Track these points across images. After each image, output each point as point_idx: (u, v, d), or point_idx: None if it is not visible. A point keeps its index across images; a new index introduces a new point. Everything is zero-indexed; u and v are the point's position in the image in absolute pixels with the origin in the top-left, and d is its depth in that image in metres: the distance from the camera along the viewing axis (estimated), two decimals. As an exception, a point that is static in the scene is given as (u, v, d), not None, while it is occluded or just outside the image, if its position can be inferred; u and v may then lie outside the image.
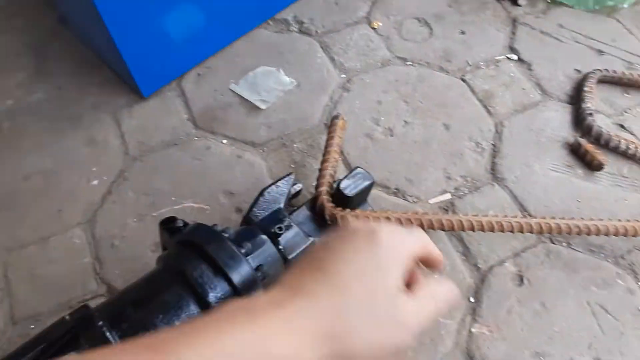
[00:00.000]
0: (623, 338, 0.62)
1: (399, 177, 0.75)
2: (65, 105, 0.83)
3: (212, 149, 0.78)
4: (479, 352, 0.61)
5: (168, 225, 0.50)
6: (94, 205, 0.72)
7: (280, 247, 0.51)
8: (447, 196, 0.74)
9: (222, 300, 0.42)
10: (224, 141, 0.79)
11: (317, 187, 0.63)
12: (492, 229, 0.63)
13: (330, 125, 0.72)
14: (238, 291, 0.43)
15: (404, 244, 0.30)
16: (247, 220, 0.54)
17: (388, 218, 0.61)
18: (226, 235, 0.48)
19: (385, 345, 0.27)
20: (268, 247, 0.49)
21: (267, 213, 0.54)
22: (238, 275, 0.43)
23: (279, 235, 0.51)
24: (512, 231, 0.63)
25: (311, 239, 0.53)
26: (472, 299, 0.65)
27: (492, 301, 0.64)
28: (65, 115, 0.82)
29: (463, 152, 0.78)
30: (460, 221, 0.62)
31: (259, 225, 0.53)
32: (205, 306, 0.42)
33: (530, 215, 0.72)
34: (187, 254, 0.45)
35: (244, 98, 0.83)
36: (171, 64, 0.85)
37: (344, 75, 0.87)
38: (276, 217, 0.53)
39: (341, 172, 0.74)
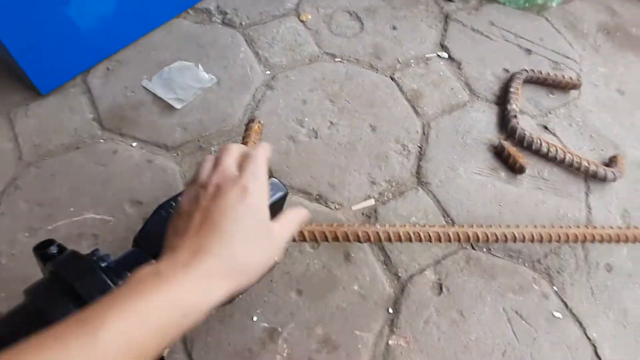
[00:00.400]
0: (535, 344, 0.63)
1: (322, 183, 0.72)
2: (-52, 102, 0.73)
3: (119, 152, 0.71)
4: (396, 365, 0.60)
5: (41, 250, 0.44)
6: (-21, 218, 0.64)
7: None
8: (371, 202, 0.71)
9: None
10: (134, 144, 0.72)
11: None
12: (409, 240, 0.61)
13: (245, 130, 0.67)
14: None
15: (265, 188, 0.37)
16: (137, 241, 0.49)
17: (302, 233, 0.57)
18: (105, 264, 0.42)
19: (267, 260, 0.36)
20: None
21: (162, 233, 0.49)
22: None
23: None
24: (429, 241, 0.62)
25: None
26: (390, 310, 0.63)
27: (410, 311, 0.63)
28: (-54, 115, 0.72)
29: (389, 155, 0.76)
30: (377, 232, 0.60)
31: (150, 248, 0.47)
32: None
33: (452, 220, 0.71)
34: (52, 290, 0.39)
35: (157, 96, 0.77)
36: (75, 57, 0.76)
37: (268, 72, 0.82)
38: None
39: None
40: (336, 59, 0.85)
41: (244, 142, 0.67)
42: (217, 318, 0.60)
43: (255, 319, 0.60)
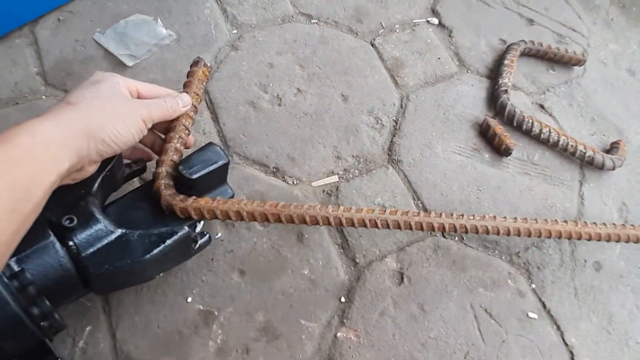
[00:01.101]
0: (504, 346, 0.56)
1: (281, 155, 0.65)
2: None
3: (61, 111, 0.65)
4: (341, 359, 0.53)
5: None
6: None
7: (71, 243, 0.40)
8: (334, 179, 0.64)
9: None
10: (78, 102, 0.66)
11: (157, 165, 0.52)
12: (363, 226, 0.54)
13: (188, 75, 0.55)
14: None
15: (119, 80, 0.45)
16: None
17: (238, 212, 0.50)
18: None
19: (126, 131, 0.42)
20: (45, 245, 0.38)
21: (68, 197, 0.43)
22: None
23: (71, 229, 0.40)
24: (387, 228, 0.54)
25: (119, 231, 0.42)
26: (343, 299, 0.56)
27: (365, 302, 0.56)
28: None
29: (359, 128, 0.68)
30: (327, 217, 0.52)
31: (47, 214, 0.41)
32: None
33: (422, 204, 0.63)
34: None
35: (109, 52, 0.70)
36: (22, 5, 0.69)
37: (235, 32, 0.74)
38: (76, 205, 0.42)
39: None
40: (312, 20, 0.77)
41: (185, 91, 0.57)
42: (147, 296, 0.54)
43: (189, 299, 0.54)
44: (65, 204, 0.42)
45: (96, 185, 0.45)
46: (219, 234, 0.58)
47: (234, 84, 0.69)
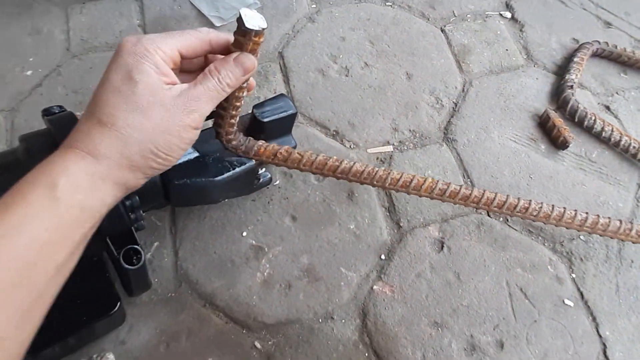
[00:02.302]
0: (535, 326, 0.57)
1: (342, 120, 0.69)
2: (18, -9, 0.79)
3: (154, 59, 0.73)
4: (375, 310, 0.57)
5: (47, 110, 0.47)
6: (22, 95, 0.70)
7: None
8: (389, 148, 0.68)
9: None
10: (169, 53, 0.74)
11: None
12: (417, 190, 0.57)
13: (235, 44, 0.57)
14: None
15: (154, 63, 0.34)
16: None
17: (299, 159, 0.54)
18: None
19: (175, 148, 0.35)
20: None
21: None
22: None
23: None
24: (440, 198, 0.57)
25: (196, 153, 0.49)
26: (383, 257, 0.60)
27: (403, 262, 0.60)
28: (15, 1, 0.78)
29: (419, 106, 0.71)
30: (382, 176, 0.56)
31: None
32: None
33: (472, 182, 0.65)
34: (40, 142, 0.41)
35: (201, 13, 0.78)
36: (134, -35, 0.79)
37: (314, 6, 0.80)
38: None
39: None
40: (387, 3, 0.81)
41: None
42: (209, 225, 0.60)
43: (244, 234, 0.60)
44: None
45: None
46: (277, 182, 0.64)
47: (307, 51, 0.74)
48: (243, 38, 0.39)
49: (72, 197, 0.30)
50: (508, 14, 0.81)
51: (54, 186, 0.29)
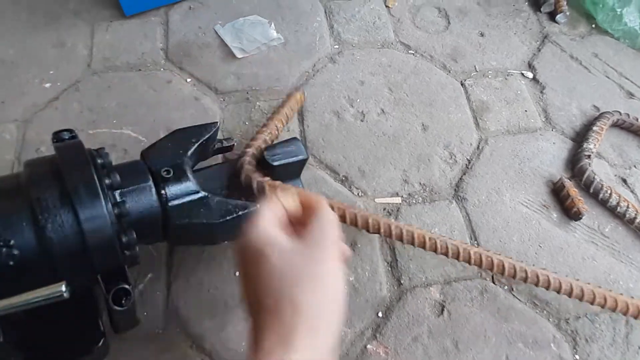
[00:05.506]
0: (532, 407, 0.54)
1: (353, 166, 0.68)
2: (48, 2, 0.81)
3: (173, 84, 0.74)
4: (366, 371, 0.54)
5: (57, 134, 0.47)
6: (37, 107, 0.70)
7: (163, 191, 0.46)
8: (397, 200, 0.66)
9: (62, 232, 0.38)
10: (188, 79, 0.74)
11: (245, 147, 0.58)
12: (422, 244, 0.56)
13: (287, 96, 0.67)
14: (80, 224, 0.38)
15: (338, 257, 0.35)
16: (143, 154, 0.50)
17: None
18: (100, 161, 0.43)
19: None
20: (144, 187, 0.44)
21: (168, 154, 0.49)
22: (86, 209, 0.39)
23: (166, 180, 0.46)
24: (445, 254, 0.56)
25: (202, 193, 0.48)
26: (380, 314, 0.58)
27: (401, 323, 0.57)
28: (44, 11, 0.79)
29: (432, 159, 0.70)
30: (389, 225, 0.55)
31: (150, 163, 0.48)
32: (40, 230, 0.38)
33: (478, 245, 0.63)
34: (45, 169, 0.41)
35: (224, 42, 0.78)
36: (164, -10, 0.80)
37: (337, 46, 0.80)
38: (173, 162, 0.48)
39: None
40: (409, 51, 0.81)
41: (280, 106, 0.67)
42: (205, 263, 0.59)
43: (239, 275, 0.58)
44: (166, 159, 0.49)
45: (192, 149, 0.51)
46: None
47: (325, 92, 0.74)
48: None
49: None
50: (530, 74, 0.80)
51: None
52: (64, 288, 0.36)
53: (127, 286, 0.42)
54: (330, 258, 0.34)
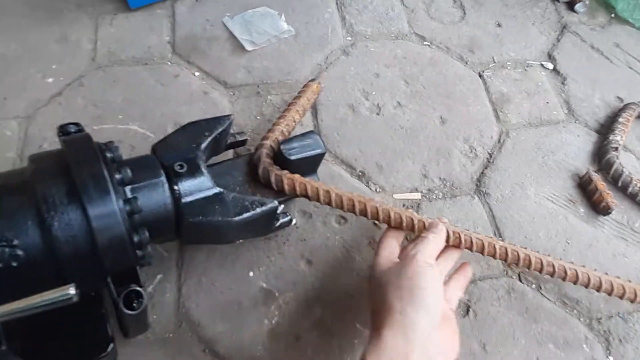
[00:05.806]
0: (566, 413, 0.51)
1: (370, 161, 0.65)
2: (50, -4, 0.78)
3: (180, 78, 0.71)
4: (389, 376, 0.51)
5: (63, 127, 0.44)
6: (40, 102, 0.67)
7: (176, 187, 0.43)
8: (417, 195, 0.63)
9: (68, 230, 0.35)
10: (196, 73, 0.72)
11: (261, 139, 0.55)
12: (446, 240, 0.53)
13: (304, 87, 0.64)
14: (89, 222, 0.36)
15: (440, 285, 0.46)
16: (154, 148, 0.47)
17: (328, 193, 0.51)
18: (110, 155, 0.40)
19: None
20: (156, 182, 0.42)
21: (181, 148, 0.47)
22: (95, 206, 0.36)
23: (179, 175, 0.43)
24: (469, 248, 0.53)
25: (217, 189, 0.45)
26: (402, 315, 0.55)
27: (424, 324, 0.54)
28: (46, 5, 0.77)
29: (452, 153, 0.67)
30: (411, 219, 0.52)
31: (162, 157, 0.45)
32: (46, 229, 0.35)
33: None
34: (51, 164, 0.38)
35: (233, 35, 0.75)
36: (170, -19, 0.78)
37: (349, 38, 0.77)
38: (186, 156, 0.45)
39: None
40: (424, 42, 0.78)
41: (296, 97, 0.64)
42: (217, 262, 0.56)
43: (255, 275, 0.56)
44: (178, 153, 0.46)
45: (205, 143, 0.49)
46: (295, 221, 0.59)
47: (339, 85, 0.71)
48: None
49: None
50: (550, 65, 0.77)
51: None
52: (72, 291, 0.33)
53: (139, 288, 0.39)
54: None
